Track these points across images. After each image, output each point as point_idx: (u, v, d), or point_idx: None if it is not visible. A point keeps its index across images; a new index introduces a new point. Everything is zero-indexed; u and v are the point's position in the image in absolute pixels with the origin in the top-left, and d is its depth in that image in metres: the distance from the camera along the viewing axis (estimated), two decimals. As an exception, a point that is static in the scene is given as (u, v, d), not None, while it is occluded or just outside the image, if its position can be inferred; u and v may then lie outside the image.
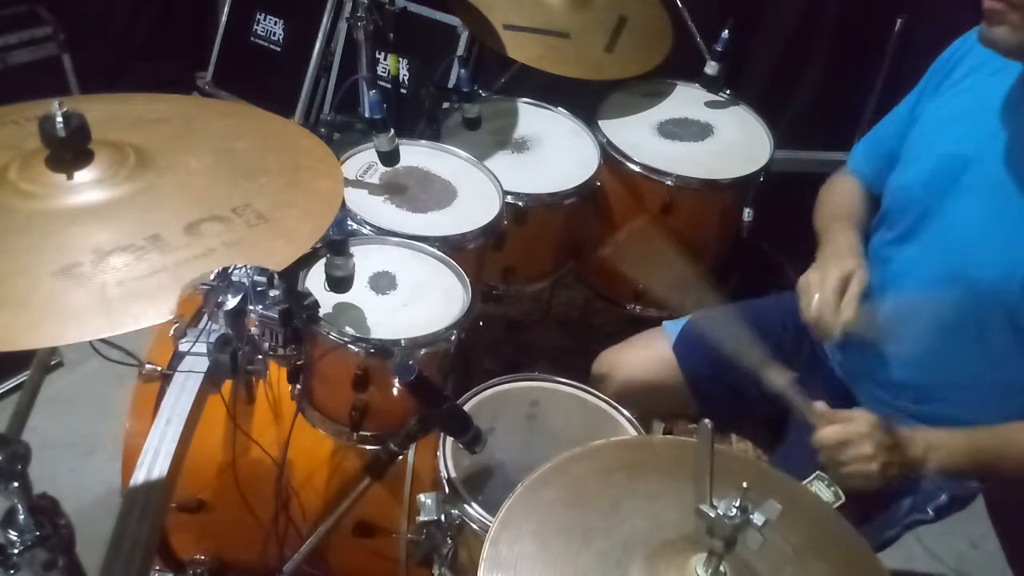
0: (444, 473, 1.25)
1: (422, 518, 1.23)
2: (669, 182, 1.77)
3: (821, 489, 1.31)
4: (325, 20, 2.78)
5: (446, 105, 1.82)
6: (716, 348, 1.30)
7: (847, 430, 1.17)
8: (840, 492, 1.31)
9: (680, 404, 1.60)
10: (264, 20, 2.93)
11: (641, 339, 1.63)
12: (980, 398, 1.26)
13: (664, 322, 1.62)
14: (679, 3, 2.05)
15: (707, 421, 0.88)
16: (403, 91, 2.28)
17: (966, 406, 1.27)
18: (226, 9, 2.99)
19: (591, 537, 0.88)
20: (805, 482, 1.31)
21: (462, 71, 1.79)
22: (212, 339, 1.09)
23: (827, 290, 1.23)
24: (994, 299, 1.17)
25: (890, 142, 1.40)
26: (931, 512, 1.34)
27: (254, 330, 1.21)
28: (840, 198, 1.47)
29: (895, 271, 1.31)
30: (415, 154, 1.71)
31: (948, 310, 1.20)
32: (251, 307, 1.15)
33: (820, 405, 1.21)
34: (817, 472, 1.33)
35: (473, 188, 1.66)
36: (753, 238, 1.89)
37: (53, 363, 2.06)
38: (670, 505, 0.92)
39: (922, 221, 1.27)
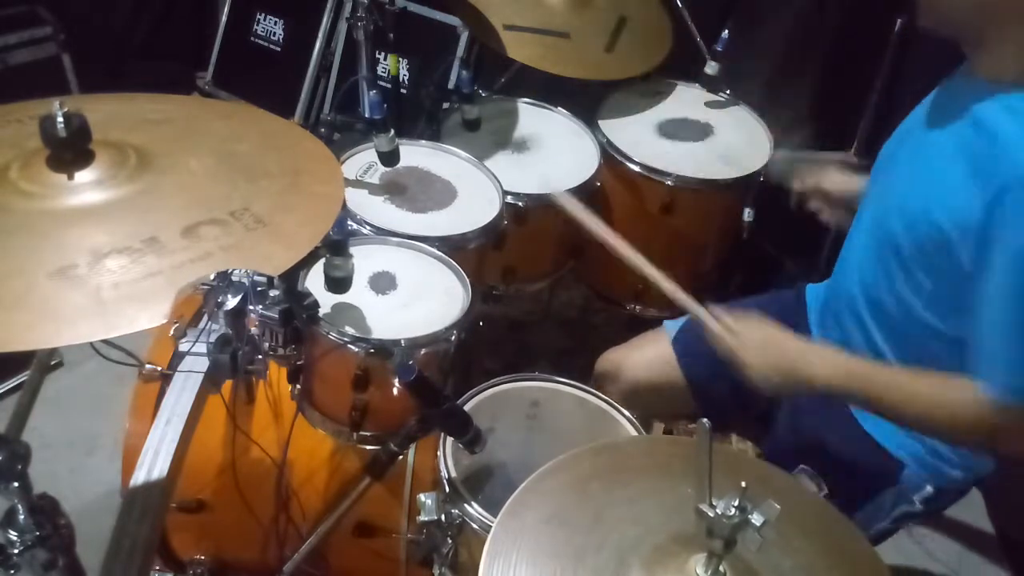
0: (444, 473, 1.25)
1: (422, 518, 1.22)
2: (669, 182, 1.77)
3: (806, 482, 1.31)
4: (325, 20, 2.78)
5: (446, 105, 1.82)
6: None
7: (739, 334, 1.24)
8: (824, 485, 1.31)
9: (682, 404, 1.60)
10: (264, 20, 2.93)
11: (643, 339, 1.64)
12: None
13: (665, 321, 1.62)
14: (679, 3, 2.05)
15: (705, 420, 0.88)
16: (403, 91, 2.27)
17: None
18: (226, 9, 2.98)
19: (583, 554, 0.86)
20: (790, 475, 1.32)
21: (462, 72, 1.79)
22: (212, 339, 1.09)
23: None
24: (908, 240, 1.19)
25: None
26: (919, 504, 1.33)
27: (254, 330, 1.21)
28: None
29: (853, 230, 1.37)
30: (415, 154, 1.71)
31: None
32: (251, 307, 1.15)
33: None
34: (801, 466, 1.33)
35: (473, 188, 1.66)
36: (753, 238, 1.89)
37: (53, 363, 2.05)
38: (651, 507, 0.91)
39: (872, 187, 1.35)
